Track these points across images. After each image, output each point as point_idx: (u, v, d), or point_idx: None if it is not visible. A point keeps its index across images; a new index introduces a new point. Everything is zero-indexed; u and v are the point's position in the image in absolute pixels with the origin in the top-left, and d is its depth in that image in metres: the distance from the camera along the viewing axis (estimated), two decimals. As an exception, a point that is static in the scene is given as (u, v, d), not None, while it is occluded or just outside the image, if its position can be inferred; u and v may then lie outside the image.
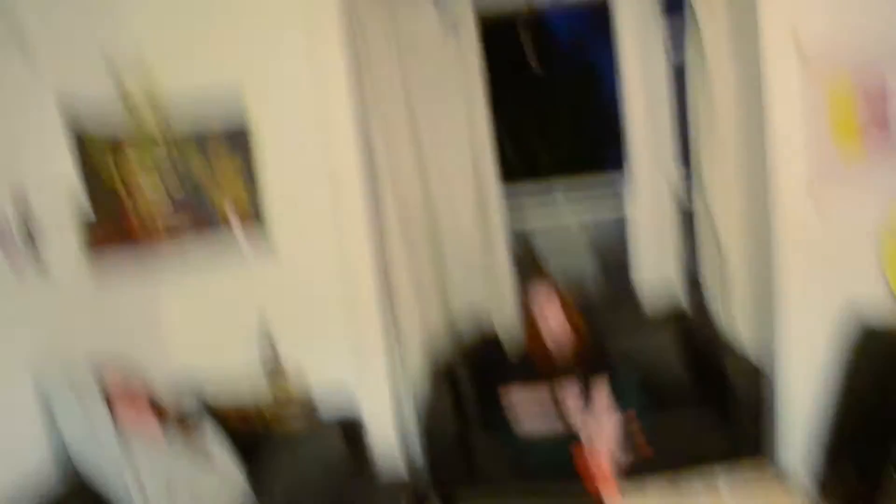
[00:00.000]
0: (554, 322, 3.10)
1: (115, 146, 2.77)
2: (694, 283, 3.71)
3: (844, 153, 2.91)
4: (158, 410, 2.50)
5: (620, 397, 2.98)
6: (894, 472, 2.56)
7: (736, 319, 3.31)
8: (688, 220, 3.71)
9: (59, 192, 2.45)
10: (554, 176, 4.01)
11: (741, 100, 3.14)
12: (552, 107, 5.88)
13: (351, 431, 2.90)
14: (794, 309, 2.98)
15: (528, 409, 3.03)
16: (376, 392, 3.14)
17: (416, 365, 3.37)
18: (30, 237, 2.26)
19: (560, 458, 2.89)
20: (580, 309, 3.22)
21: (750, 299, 3.28)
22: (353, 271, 3.09)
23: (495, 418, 3.11)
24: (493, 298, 3.64)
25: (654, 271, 3.80)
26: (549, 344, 3.13)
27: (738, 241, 3.27)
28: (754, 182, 3.10)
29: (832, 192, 2.92)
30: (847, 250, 2.96)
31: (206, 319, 3.10)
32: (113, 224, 2.74)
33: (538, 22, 4.20)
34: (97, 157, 2.66)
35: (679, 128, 3.69)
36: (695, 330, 3.50)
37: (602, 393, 2.98)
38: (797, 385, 3.02)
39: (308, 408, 3.00)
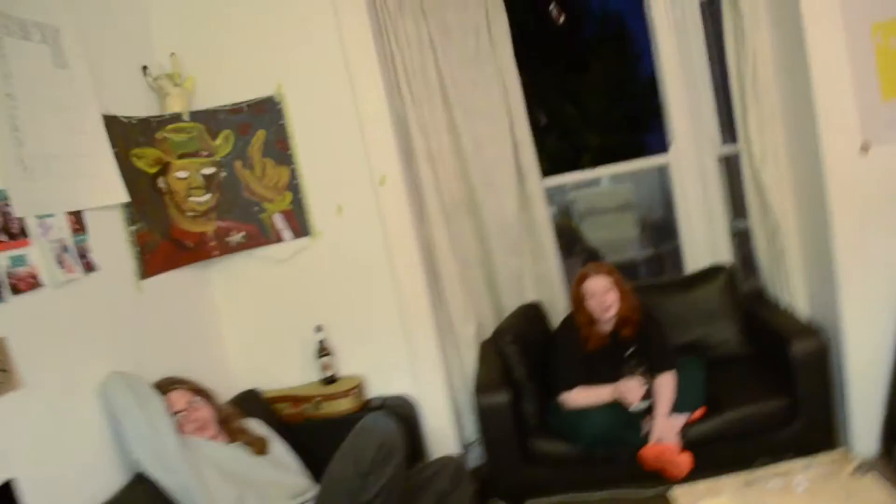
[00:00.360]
0: (595, 300, 3.02)
1: (153, 139, 2.82)
2: (748, 263, 3.62)
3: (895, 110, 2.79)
4: (220, 413, 2.55)
5: (686, 393, 2.90)
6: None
7: (795, 291, 3.20)
8: (737, 197, 3.61)
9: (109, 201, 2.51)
10: (596, 164, 3.91)
11: (784, 67, 3.02)
12: (593, 97, 5.82)
13: (401, 410, 2.94)
14: (852, 274, 2.87)
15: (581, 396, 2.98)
16: (428, 374, 3.19)
17: (467, 345, 3.43)
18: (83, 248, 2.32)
19: (618, 426, 2.86)
20: (632, 287, 3.13)
21: (807, 269, 3.16)
22: (395, 257, 3.11)
23: (546, 389, 3.09)
24: (540, 280, 3.62)
25: (705, 252, 3.70)
26: (603, 325, 3.05)
27: (791, 211, 3.16)
28: (804, 148, 2.98)
29: (884, 151, 2.80)
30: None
31: (256, 310, 3.18)
32: (160, 230, 2.79)
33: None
34: (139, 161, 2.72)
35: (721, 102, 3.59)
36: (752, 302, 3.41)
37: (668, 389, 2.91)
38: (863, 354, 2.91)
39: (359, 392, 3.06)
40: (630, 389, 2.87)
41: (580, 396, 2.96)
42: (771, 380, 3.01)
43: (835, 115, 2.79)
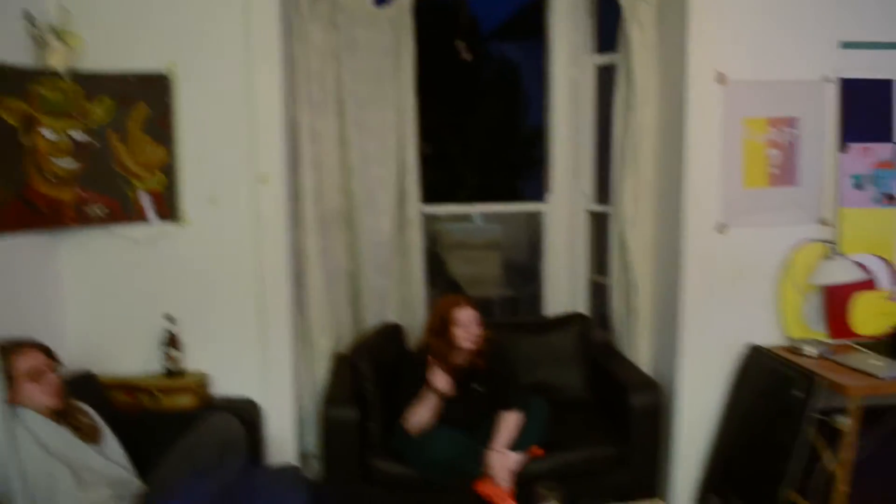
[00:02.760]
0: (462, 329, 3.08)
1: (25, 92, 2.63)
2: (602, 317, 3.82)
3: (753, 199, 3.07)
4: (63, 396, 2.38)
5: (527, 432, 2.98)
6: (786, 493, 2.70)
7: (641, 347, 3.42)
8: (601, 253, 3.81)
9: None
10: (472, 200, 4.03)
11: (663, 141, 3.27)
12: (479, 137, 6.00)
13: (245, 413, 2.85)
14: (693, 338, 3.13)
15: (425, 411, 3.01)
16: (278, 380, 3.13)
17: (321, 356, 3.41)
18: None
19: (459, 455, 2.89)
20: (487, 321, 3.22)
21: (654, 329, 3.40)
22: (264, 258, 3.05)
23: (393, 410, 3.09)
24: (404, 303, 3.66)
25: (565, 300, 3.89)
26: (458, 353, 3.11)
27: (649, 274, 3.39)
28: (669, 219, 3.22)
29: (737, 234, 3.09)
30: (748, 289, 3.14)
31: (106, 289, 3.01)
32: (14, 188, 2.59)
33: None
34: (3, 111, 2.52)
35: (600, 164, 3.81)
36: (601, 352, 3.59)
37: (510, 425, 2.98)
38: (693, 413, 3.17)
39: (202, 388, 2.97)
40: (437, 377, 2.93)
41: (415, 413, 2.98)
42: (607, 427, 3.17)
43: (700, 195, 3.06)
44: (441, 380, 2.93)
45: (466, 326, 3.06)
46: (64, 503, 2.16)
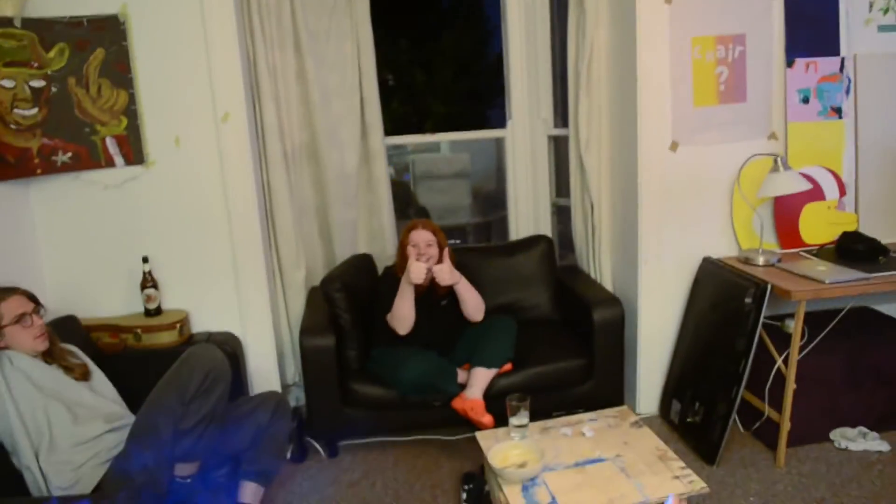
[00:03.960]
0: (415, 249, 3.20)
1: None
2: (566, 239, 3.96)
3: (704, 117, 3.17)
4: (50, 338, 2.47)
5: (497, 349, 3.13)
6: (732, 408, 2.90)
7: (602, 266, 3.57)
8: (562, 176, 3.92)
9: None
10: (439, 130, 4.08)
11: (616, 64, 3.32)
12: (444, 67, 5.98)
13: (227, 347, 2.98)
14: (651, 254, 3.27)
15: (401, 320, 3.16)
16: (255, 314, 3.25)
17: (296, 289, 3.53)
18: None
19: (436, 374, 3.04)
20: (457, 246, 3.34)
21: (614, 247, 3.54)
22: (232, 196, 3.12)
23: (368, 337, 3.26)
24: (373, 234, 3.77)
25: (531, 224, 4.02)
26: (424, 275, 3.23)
27: (606, 194, 3.50)
28: (624, 140, 3.32)
29: (689, 151, 3.20)
30: (702, 204, 3.27)
31: (80, 235, 3.07)
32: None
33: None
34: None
35: (557, 88, 3.88)
36: (565, 273, 3.75)
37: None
38: (653, 324, 3.36)
39: (183, 325, 3.07)
40: (415, 269, 3.05)
41: (397, 308, 3.13)
42: (573, 343, 3.33)
43: (653, 115, 3.14)
44: (415, 269, 3.04)
45: (420, 247, 3.19)
46: (61, 438, 2.27)
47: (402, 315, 3.12)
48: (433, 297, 3.25)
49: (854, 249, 3.09)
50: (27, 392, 2.26)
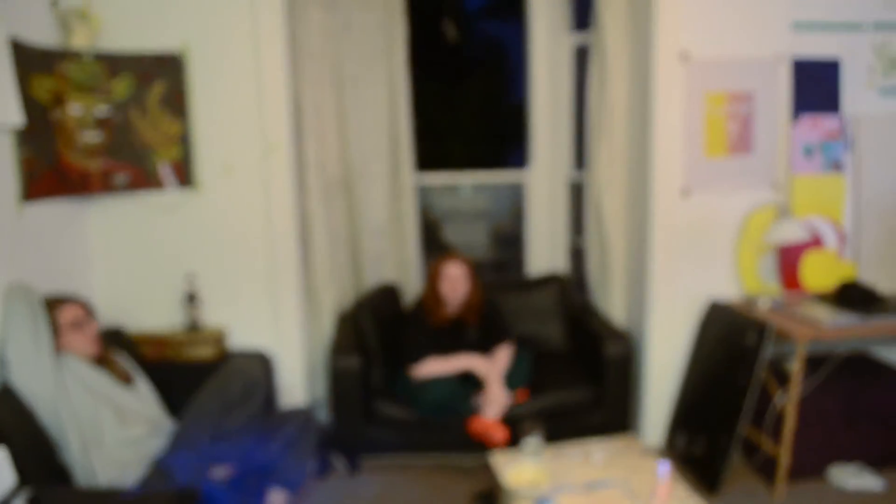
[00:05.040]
0: (447, 282, 3.39)
1: (53, 71, 2.86)
2: (580, 278, 4.15)
3: (713, 167, 3.39)
4: (101, 343, 2.66)
5: (515, 375, 3.33)
6: (734, 442, 3.05)
7: (614, 303, 3.77)
8: (579, 218, 4.13)
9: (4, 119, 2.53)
10: (463, 168, 4.33)
11: (633, 115, 3.56)
12: (466, 107, 6.27)
13: (260, 362, 3.17)
14: (661, 293, 3.46)
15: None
16: (288, 332, 3.43)
17: (326, 311, 3.72)
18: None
19: (453, 397, 3.23)
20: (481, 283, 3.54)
21: (626, 285, 3.73)
22: (274, 222, 3.33)
23: (394, 363, 3.44)
24: (400, 265, 3.99)
25: (546, 262, 4.22)
26: (449, 307, 3.42)
27: (621, 235, 3.71)
28: (639, 186, 3.54)
29: (699, 199, 3.41)
30: (709, 248, 3.47)
31: (130, 252, 3.29)
32: (47, 159, 2.84)
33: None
34: (36, 90, 2.76)
35: (577, 133, 4.11)
36: (579, 309, 3.94)
37: (504, 356, 3.34)
38: (660, 360, 3.53)
39: (221, 340, 3.25)
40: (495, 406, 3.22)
41: (434, 366, 3.30)
42: (585, 374, 3.51)
43: (666, 163, 3.36)
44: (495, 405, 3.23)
45: (451, 281, 3.38)
46: (110, 438, 2.45)
47: (429, 374, 3.29)
48: (462, 330, 3.45)
49: (852, 296, 3.25)
50: (80, 392, 2.44)
